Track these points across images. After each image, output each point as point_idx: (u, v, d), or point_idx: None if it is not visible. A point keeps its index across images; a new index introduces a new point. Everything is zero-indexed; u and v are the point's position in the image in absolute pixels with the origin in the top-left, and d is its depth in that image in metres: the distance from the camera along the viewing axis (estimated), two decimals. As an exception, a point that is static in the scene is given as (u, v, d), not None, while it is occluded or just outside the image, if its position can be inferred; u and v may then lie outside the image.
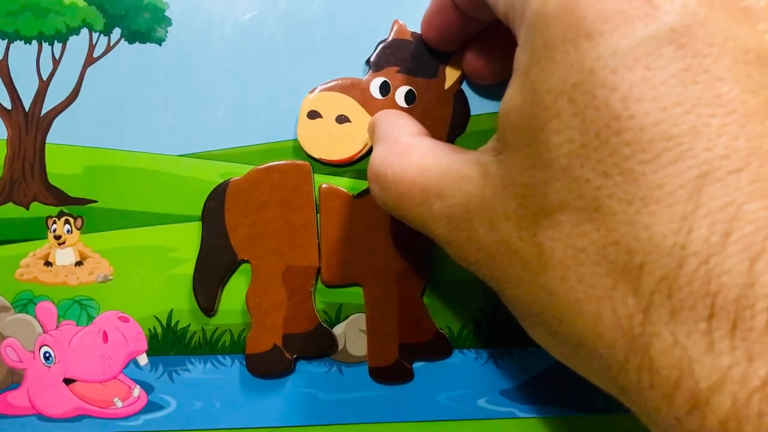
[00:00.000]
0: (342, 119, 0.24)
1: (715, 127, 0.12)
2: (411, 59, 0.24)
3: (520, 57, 0.16)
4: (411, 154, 0.19)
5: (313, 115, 0.24)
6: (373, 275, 0.25)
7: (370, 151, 0.24)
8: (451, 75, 0.24)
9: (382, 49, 0.24)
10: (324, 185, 0.25)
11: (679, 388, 0.12)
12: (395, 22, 0.24)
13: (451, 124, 0.25)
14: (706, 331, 0.12)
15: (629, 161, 0.13)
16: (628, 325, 0.13)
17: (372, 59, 0.24)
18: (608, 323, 0.14)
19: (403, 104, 0.24)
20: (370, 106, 0.24)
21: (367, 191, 0.24)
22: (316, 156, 0.24)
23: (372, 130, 0.22)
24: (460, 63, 0.24)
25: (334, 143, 0.24)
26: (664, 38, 0.13)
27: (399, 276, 0.25)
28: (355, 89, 0.24)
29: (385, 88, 0.24)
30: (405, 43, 0.24)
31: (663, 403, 0.13)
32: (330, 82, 0.24)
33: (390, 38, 0.24)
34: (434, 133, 0.24)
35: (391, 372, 0.25)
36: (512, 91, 0.16)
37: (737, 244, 0.12)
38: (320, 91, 0.24)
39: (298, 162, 0.25)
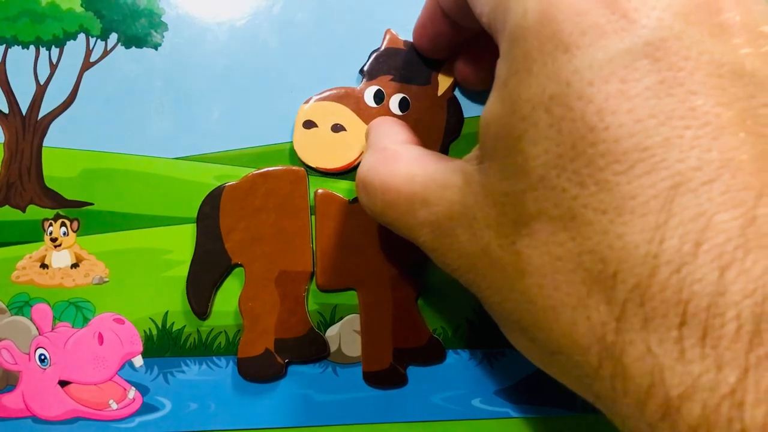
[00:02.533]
0: (337, 128, 0.24)
1: (688, 138, 0.13)
2: (404, 67, 0.25)
3: (501, 68, 0.16)
4: (398, 162, 0.19)
5: (309, 124, 0.24)
6: (367, 280, 0.25)
7: None
8: (444, 82, 0.25)
9: (375, 58, 0.25)
10: (320, 190, 0.25)
11: (652, 396, 0.13)
12: (387, 31, 0.25)
13: (445, 130, 0.25)
14: (678, 339, 0.12)
15: (604, 172, 0.13)
16: (602, 333, 0.13)
17: (365, 68, 0.25)
18: (583, 330, 0.14)
19: (398, 112, 0.25)
20: (365, 114, 0.25)
21: None
22: (313, 165, 0.25)
23: (366, 138, 0.23)
24: (452, 70, 0.25)
25: (330, 152, 0.25)
26: (640, 51, 0.13)
27: (394, 281, 0.25)
28: (349, 98, 0.25)
29: (379, 97, 0.25)
30: (398, 51, 0.25)
31: (636, 410, 0.13)
32: (325, 91, 0.25)
33: (383, 47, 0.25)
34: (429, 139, 0.25)
35: (385, 377, 0.25)
36: (492, 101, 0.16)
37: (708, 254, 0.12)
38: (315, 100, 0.24)
39: (293, 168, 0.25)
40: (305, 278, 0.25)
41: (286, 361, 0.25)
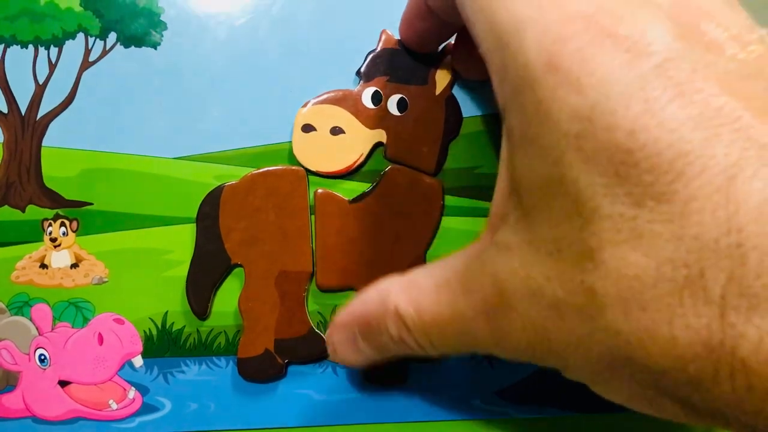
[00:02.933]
0: (336, 131, 0.24)
1: (726, 134, 0.13)
2: (401, 68, 0.25)
3: (511, 120, 0.16)
4: (415, 278, 0.19)
5: (308, 128, 0.24)
6: (367, 280, 0.25)
7: (366, 160, 0.25)
8: (442, 80, 0.25)
9: (372, 59, 0.25)
10: (320, 190, 0.25)
11: None
12: (383, 32, 0.25)
13: (444, 130, 0.25)
14: None
15: (656, 186, 0.13)
16: (708, 335, 0.13)
17: (362, 70, 0.25)
18: (686, 342, 0.13)
19: (396, 112, 0.25)
20: (363, 116, 0.24)
21: (362, 196, 0.25)
22: (314, 169, 0.25)
23: (344, 323, 0.21)
24: (450, 68, 0.25)
25: (329, 155, 0.25)
26: (651, 74, 0.14)
27: None
28: (347, 100, 0.24)
29: (377, 98, 0.25)
30: (394, 51, 0.25)
31: (766, 402, 0.13)
32: (322, 95, 0.25)
33: (379, 48, 0.25)
34: (428, 139, 0.25)
35: (384, 375, 0.25)
36: (515, 159, 0.16)
37: None
38: (313, 104, 0.24)
39: (293, 167, 0.25)
40: (305, 278, 0.25)
41: (286, 361, 0.25)
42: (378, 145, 0.25)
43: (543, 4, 0.15)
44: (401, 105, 0.25)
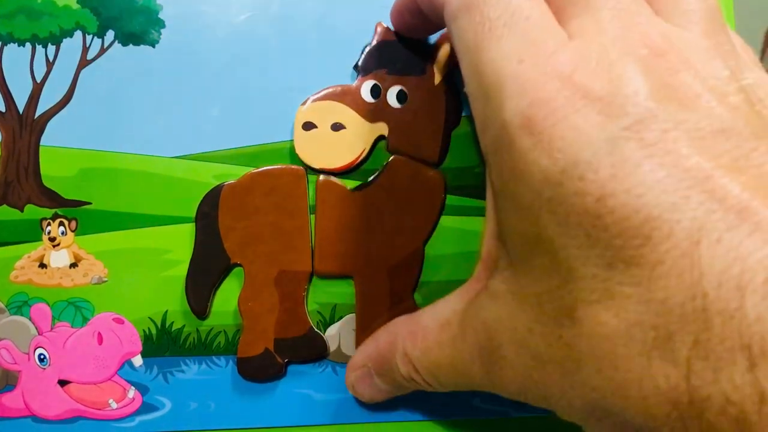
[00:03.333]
0: (337, 127, 0.24)
1: (695, 195, 0.13)
2: (398, 59, 0.24)
3: (493, 173, 0.16)
4: (421, 321, 0.20)
5: (308, 126, 0.24)
6: (365, 268, 0.25)
7: (369, 155, 0.25)
8: (440, 70, 0.25)
9: (369, 52, 0.24)
10: (321, 177, 0.25)
11: None
12: (378, 24, 0.24)
13: (445, 119, 0.25)
14: (754, 382, 0.12)
15: (625, 249, 0.14)
16: (676, 397, 0.13)
17: (360, 64, 0.24)
18: (655, 401, 0.14)
19: (396, 104, 0.24)
20: (364, 110, 0.24)
21: (363, 185, 0.25)
22: (317, 166, 0.24)
23: (359, 364, 0.23)
24: (448, 57, 0.24)
25: (332, 151, 0.24)
26: (622, 136, 0.14)
27: (391, 271, 0.25)
28: (346, 96, 0.24)
29: (376, 91, 0.24)
30: (390, 44, 0.24)
31: None
32: (321, 91, 0.24)
33: (375, 41, 0.24)
34: (430, 129, 0.25)
35: None
36: (499, 213, 0.17)
37: (756, 294, 0.12)
38: (312, 101, 0.24)
39: (293, 167, 0.25)
40: (305, 278, 0.25)
41: (286, 360, 0.25)
42: (380, 138, 0.25)
43: (523, 59, 0.15)
44: (401, 97, 0.24)
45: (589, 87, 0.14)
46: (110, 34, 0.25)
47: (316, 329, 0.25)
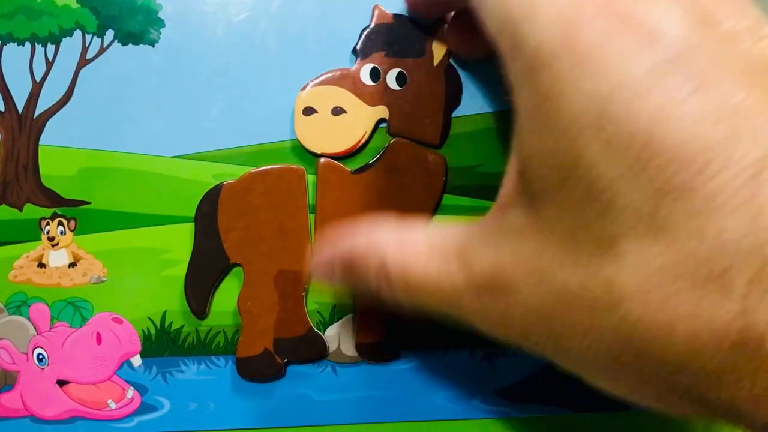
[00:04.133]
0: (337, 111, 0.24)
1: (748, 130, 0.13)
2: (396, 41, 0.24)
3: (523, 99, 0.15)
4: (414, 233, 0.18)
5: (309, 111, 0.24)
6: None
7: (370, 138, 0.24)
8: (439, 51, 0.24)
9: (367, 35, 0.24)
10: (322, 159, 0.25)
11: None
12: (376, 7, 0.24)
13: (445, 100, 0.25)
14: None
15: (677, 178, 0.13)
16: (729, 333, 0.13)
17: (358, 47, 0.24)
18: (706, 337, 0.13)
19: (396, 87, 0.24)
20: (363, 93, 0.24)
21: (365, 167, 0.25)
22: (318, 151, 0.24)
23: (329, 258, 0.21)
24: (445, 38, 0.24)
25: (333, 136, 0.24)
26: (670, 64, 0.13)
27: None
28: (346, 80, 0.24)
29: (375, 74, 0.24)
30: (388, 26, 0.24)
31: None
32: (320, 76, 0.24)
33: (372, 24, 0.24)
34: (430, 111, 0.25)
35: (378, 348, 0.25)
36: (525, 136, 0.16)
37: None
38: (312, 86, 0.24)
39: (292, 166, 0.25)
40: (304, 278, 0.25)
41: (285, 360, 0.25)
42: (381, 121, 0.25)
43: None
44: (400, 79, 0.24)
45: (627, 14, 0.14)
46: (110, 34, 0.25)
47: (315, 329, 0.25)
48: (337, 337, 0.25)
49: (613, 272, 0.14)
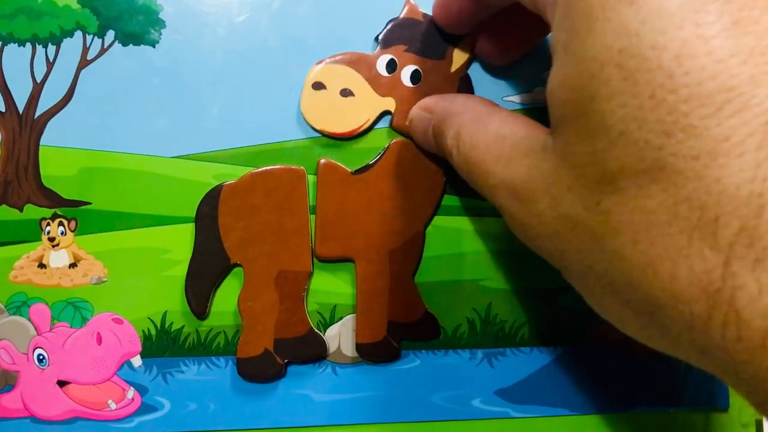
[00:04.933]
0: (346, 93, 0.24)
1: None
2: (420, 39, 0.24)
3: (558, 35, 0.16)
4: (490, 122, 0.19)
5: (318, 86, 0.24)
6: (366, 252, 0.25)
7: (372, 126, 0.25)
8: (459, 58, 0.25)
9: (393, 26, 0.24)
10: (322, 160, 0.25)
11: None
12: (408, 1, 0.24)
13: None
14: None
15: (690, 117, 0.13)
16: (708, 281, 0.13)
17: (381, 36, 0.24)
18: (686, 281, 0.13)
19: (409, 83, 0.24)
20: (375, 82, 0.24)
21: (365, 168, 0.25)
22: (319, 127, 0.24)
23: (430, 109, 0.23)
24: (468, 47, 0.24)
25: (336, 116, 0.24)
26: None
27: (392, 254, 0.25)
28: (361, 64, 0.24)
29: (391, 66, 0.24)
30: (415, 22, 0.24)
31: (754, 355, 0.13)
32: (338, 55, 0.24)
33: (401, 16, 0.24)
34: None
35: (377, 349, 0.25)
36: (555, 70, 0.16)
37: None
38: (327, 63, 0.24)
39: (293, 167, 0.25)
40: (305, 278, 0.25)
41: (286, 361, 0.25)
42: (385, 113, 0.25)
43: None
44: (415, 77, 0.24)
45: None
46: (110, 34, 0.25)
47: (316, 330, 0.25)
48: (337, 337, 0.25)
49: (610, 205, 0.15)
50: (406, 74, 0.24)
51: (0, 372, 0.25)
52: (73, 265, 0.25)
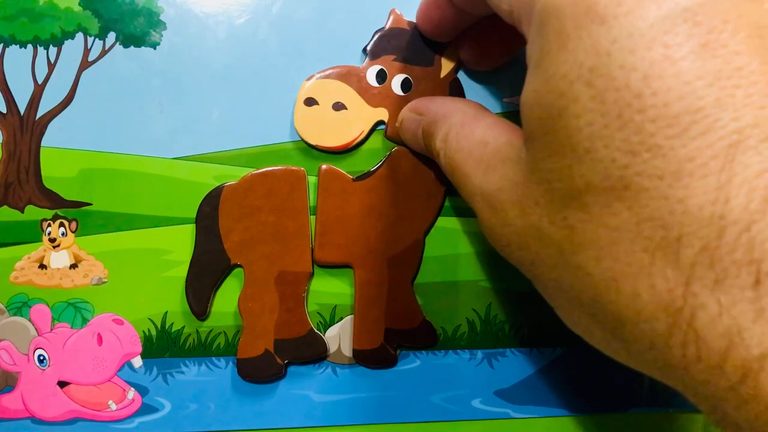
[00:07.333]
0: (338, 106, 0.24)
1: (740, 97, 0.13)
2: (407, 48, 0.25)
3: (532, 50, 0.16)
4: (476, 126, 0.20)
5: (310, 102, 0.24)
6: (365, 258, 0.25)
7: (366, 138, 0.25)
8: (447, 64, 0.25)
9: (379, 37, 0.25)
10: (324, 166, 0.25)
11: (729, 359, 0.12)
12: (392, 11, 0.25)
13: None
14: (753, 299, 0.12)
15: (656, 137, 0.13)
16: (669, 299, 0.13)
17: (369, 47, 0.25)
18: (648, 299, 0.14)
19: (399, 92, 0.25)
20: (367, 93, 0.24)
21: (366, 175, 0.25)
22: (313, 143, 0.25)
23: (420, 111, 0.23)
24: (456, 52, 0.25)
25: (330, 130, 0.24)
26: (679, 17, 0.13)
27: (390, 261, 0.25)
28: (351, 77, 0.24)
29: (381, 76, 0.24)
30: (402, 31, 0.25)
31: (711, 375, 0.13)
32: (327, 69, 0.24)
33: (387, 27, 0.25)
34: None
35: (374, 355, 0.25)
36: (527, 84, 0.16)
37: None
38: (318, 78, 0.24)
39: (293, 168, 0.25)
40: (305, 279, 0.25)
41: (286, 361, 0.25)
42: (379, 123, 0.25)
43: None
44: (405, 85, 0.24)
45: None
46: (111, 36, 0.25)
47: (316, 330, 0.25)
48: (337, 338, 0.25)
49: (575, 221, 0.15)
50: (396, 83, 0.25)
51: (0, 372, 0.25)
52: (73, 266, 0.25)
